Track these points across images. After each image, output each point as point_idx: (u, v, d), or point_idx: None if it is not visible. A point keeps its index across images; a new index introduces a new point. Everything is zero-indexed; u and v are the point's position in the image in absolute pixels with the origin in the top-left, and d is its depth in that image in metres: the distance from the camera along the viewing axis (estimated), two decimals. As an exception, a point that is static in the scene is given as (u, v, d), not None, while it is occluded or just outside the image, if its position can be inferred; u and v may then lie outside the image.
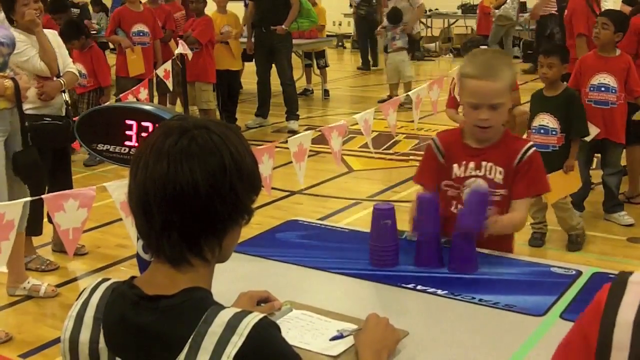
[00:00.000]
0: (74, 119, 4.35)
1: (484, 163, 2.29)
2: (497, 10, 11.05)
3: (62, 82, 4.16)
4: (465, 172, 2.32)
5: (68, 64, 4.28)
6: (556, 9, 10.76)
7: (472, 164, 2.31)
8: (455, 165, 2.33)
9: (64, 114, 4.24)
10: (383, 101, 7.88)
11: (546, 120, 4.27)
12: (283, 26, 7.73)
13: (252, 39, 7.99)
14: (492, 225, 2.11)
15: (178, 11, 8.33)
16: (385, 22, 9.05)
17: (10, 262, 3.70)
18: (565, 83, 4.44)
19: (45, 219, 3.74)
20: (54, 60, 4.08)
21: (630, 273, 1.05)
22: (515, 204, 2.28)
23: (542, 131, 4.28)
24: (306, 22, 8.94)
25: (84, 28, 6.84)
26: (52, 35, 4.19)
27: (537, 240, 4.47)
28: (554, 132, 4.25)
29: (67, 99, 4.33)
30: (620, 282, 1.05)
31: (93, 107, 6.11)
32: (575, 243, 4.37)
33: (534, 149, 2.32)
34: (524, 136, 4.25)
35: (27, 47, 3.95)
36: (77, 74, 4.45)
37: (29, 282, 3.82)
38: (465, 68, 2.27)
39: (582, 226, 4.43)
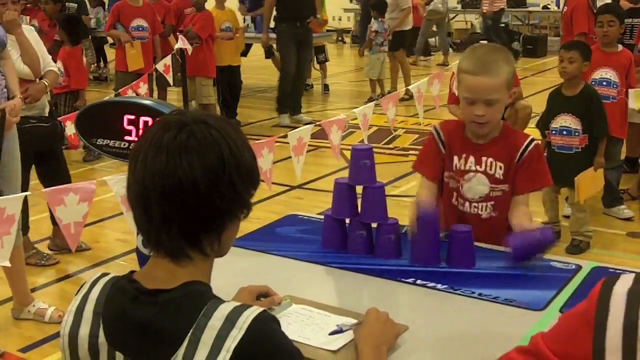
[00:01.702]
0: (58, 119, 4.27)
1: (484, 158, 2.29)
2: (428, 6, 11.48)
3: (45, 83, 3.98)
4: (465, 166, 2.32)
5: (48, 62, 4.09)
6: (504, 3, 11.28)
7: (472, 158, 2.30)
8: (455, 157, 2.33)
9: (46, 115, 4.12)
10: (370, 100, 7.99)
11: (568, 121, 4.19)
12: (316, 17, 7.73)
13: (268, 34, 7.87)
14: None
15: (190, 6, 8.28)
16: (374, 25, 9.11)
17: (13, 282, 3.65)
18: (584, 82, 4.33)
19: (43, 215, 3.70)
20: (37, 62, 3.89)
21: (617, 277, 1.11)
22: (519, 198, 2.28)
23: (564, 132, 4.22)
24: (322, 13, 9.14)
25: (72, 28, 6.79)
26: (29, 32, 4.00)
27: None
28: (576, 133, 4.18)
29: (49, 99, 4.19)
30: (604, 295, 1.11)
31: (70, 109, 6.08)
32: (576, 247, 4.28)
33: (535, 142, 2.31)
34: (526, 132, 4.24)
35: (10, 49, 3.67)
36: (58, 72, 4.26)
37: (34, 305, 3.65)
38: (462, 63, 2.25)
39: (589, 236, 4.36)
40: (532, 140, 2.31)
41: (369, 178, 2.16)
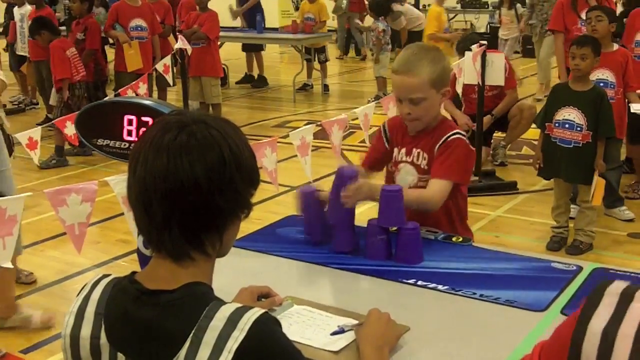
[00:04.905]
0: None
1: (414, 150, 2.38)
2: (335, 2, 11.72)
3: None
4: (399, 157, 2.43)
5: None
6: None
7: (404, 150, 2.41)
8: (395, 149, 2.45)
9: None
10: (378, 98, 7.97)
11: (573, 114, 4.11)
12: None
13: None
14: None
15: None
16: (380, 25, 9.11)
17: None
18: (593, 81, 4.29)
19: (43, 215, 3.68)
20: None
21: (611, 282, 1.05)
22: (429, 183, 2.30)
23: (566, 125, 4.14)
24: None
25: (49, 24, 6.95)
26: None
27: (556, 244, 4.37)
28: (579, 129, 4.10)
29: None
30: (598, 291, 1.05)
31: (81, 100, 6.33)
32: (576, 248, 4.26)
33: (458, 135, 2.34)
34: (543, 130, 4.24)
35: None
36: (3, 80, 3.98)
37: (20, 313, 3.58)
38: (394, 62, 2.36)
39: (592, 236, 4.32)
40: (457, 132, 2.35)
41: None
